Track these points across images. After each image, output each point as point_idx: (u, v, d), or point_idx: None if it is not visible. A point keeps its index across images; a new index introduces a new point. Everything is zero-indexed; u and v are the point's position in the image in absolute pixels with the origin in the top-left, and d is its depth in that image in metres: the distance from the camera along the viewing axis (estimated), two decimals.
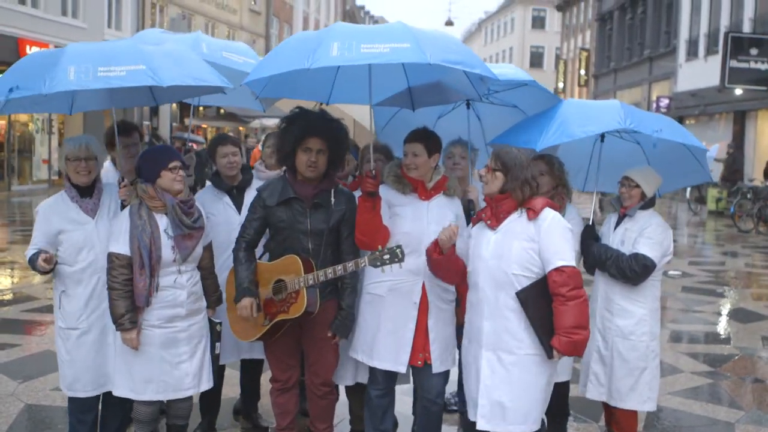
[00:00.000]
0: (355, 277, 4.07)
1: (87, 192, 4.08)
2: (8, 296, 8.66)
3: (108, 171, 4.73)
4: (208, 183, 4.83)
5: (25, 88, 3.62)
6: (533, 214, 3.58)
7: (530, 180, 3.63)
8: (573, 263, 3.55)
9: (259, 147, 13.71)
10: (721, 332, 8.05)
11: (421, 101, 4.66)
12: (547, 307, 3.54)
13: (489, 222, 3.69)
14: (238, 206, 4.58)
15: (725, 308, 9.26)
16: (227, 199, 4.61)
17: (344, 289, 4.07)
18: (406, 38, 3.51)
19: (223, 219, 4.51)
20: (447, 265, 3.80)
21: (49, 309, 7.81)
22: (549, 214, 3.61)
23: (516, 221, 3.63)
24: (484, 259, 3.66)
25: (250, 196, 4.47)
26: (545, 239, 3.55)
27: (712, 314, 8.81)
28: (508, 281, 3.58)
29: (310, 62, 3.44)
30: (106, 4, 24.97)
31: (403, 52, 3.46)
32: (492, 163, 3.68)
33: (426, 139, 4.11)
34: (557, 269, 3.50)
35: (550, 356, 3.55)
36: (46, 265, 3.86)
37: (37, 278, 9.51)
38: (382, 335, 4.08)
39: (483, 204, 3.89)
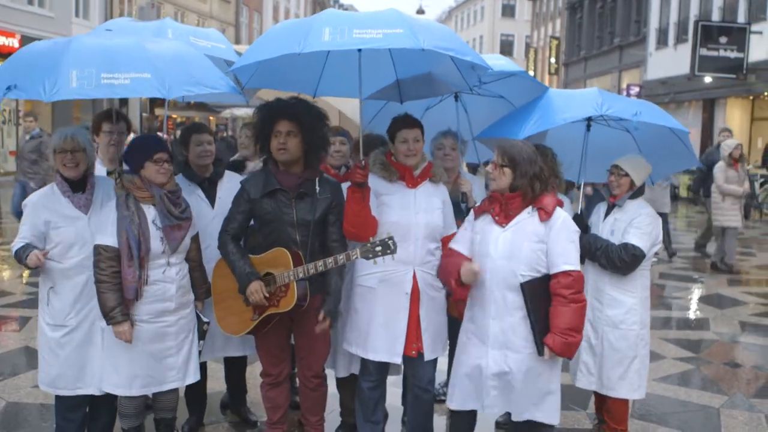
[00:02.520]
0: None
1: (79, 186, 3.91)
2: None
3: None
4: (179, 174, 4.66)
5: (23, 90, 3.47)
6: (546, 215, 3.52)
7: (540, 174, 3.56)
8: (579, 267, 3.52)
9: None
10: (700, 318, 8.12)
11: (409, 94, 4.57)
12: (546, 304, 3.50)
13: (497, 218, 3.62)
14: (211, 199, 4.43)
15: (703, 294, 9.36)
16: (199, 191, 4.44)
17: (329, 274, 3.91)
18: (399, 24, 3.46)
19: (196, 212, 4.34)
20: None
21: (23, 304, 7.66)
22: (560, 216, 3.55)
23: (527, 220, 3.57)
24: (492, 258, 3.59)
25: (222, 189, 4.40)
26: (554, 241, 3.51)
27: (690, 300, 8.90)
28: (516, 282, 3.53)
29: (301, 47, 3.37)
30: None
31: (397, 37, 3.40)
32: (499, 158, 3.59)
33: (420, 124, 4.08)
34: (564, 272, 3.47)
35: (540, 353, 3.52)
36: (39, 262, 3.73)
37: (7, 273, 9.30)
38: (376, 327, 4.03)
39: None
